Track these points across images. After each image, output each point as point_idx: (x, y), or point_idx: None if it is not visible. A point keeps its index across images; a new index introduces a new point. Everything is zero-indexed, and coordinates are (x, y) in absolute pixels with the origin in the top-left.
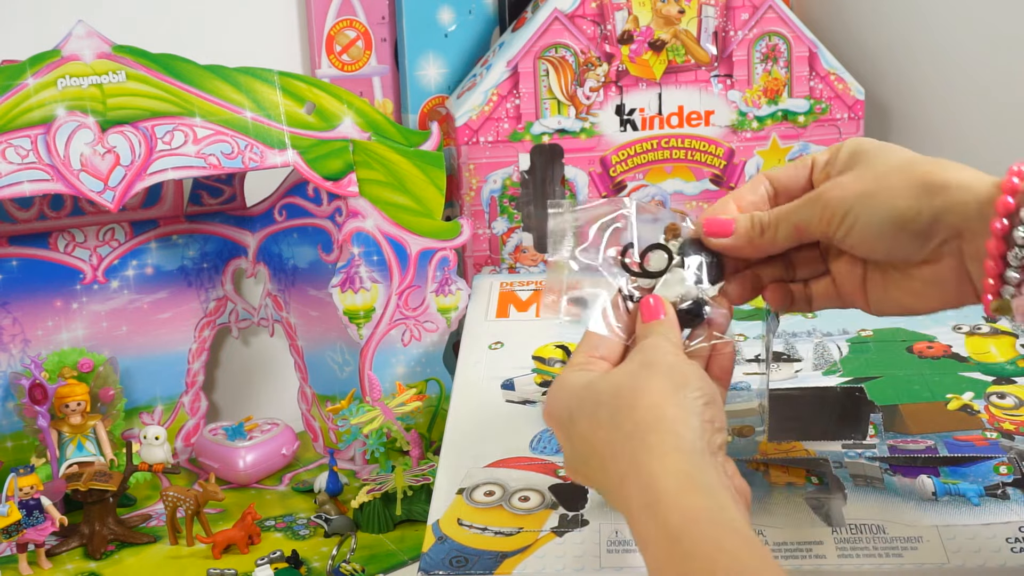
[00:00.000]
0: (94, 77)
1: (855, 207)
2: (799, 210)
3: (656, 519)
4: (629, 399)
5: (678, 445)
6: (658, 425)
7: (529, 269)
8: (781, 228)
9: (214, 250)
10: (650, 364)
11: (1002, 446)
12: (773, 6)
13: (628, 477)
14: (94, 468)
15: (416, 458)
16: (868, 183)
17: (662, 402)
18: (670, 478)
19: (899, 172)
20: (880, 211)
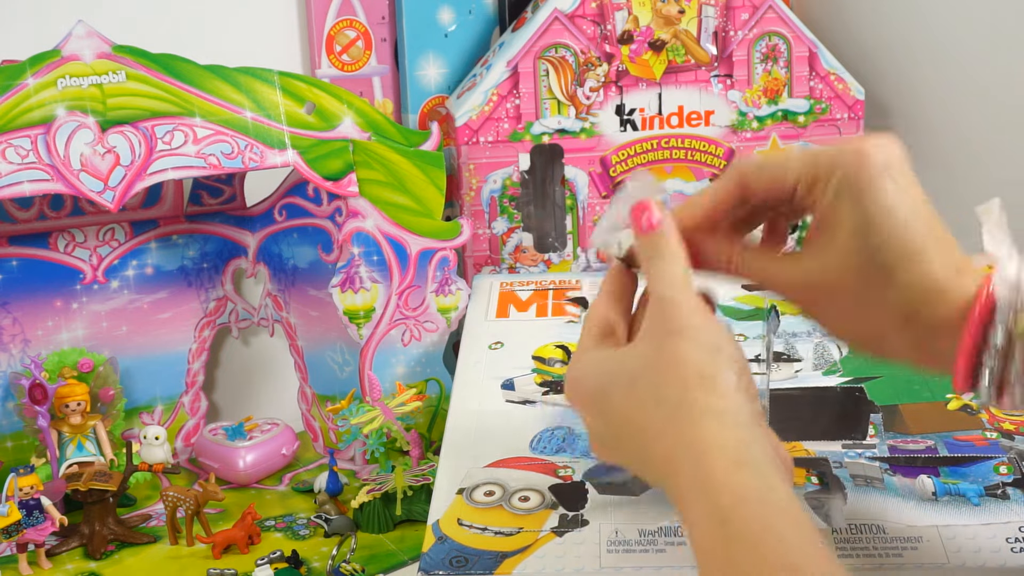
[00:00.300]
0: (94, 77)
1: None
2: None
3: (707, 499)
4: (667, 372)
5: (723, 421)
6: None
7: (529, 269)
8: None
9: (214, 250)
10: (678, 331)
11: (1002, 446)
12: (773, 6)
13: (676, 455)
14: (94, 468)
15: (416, 458)
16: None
17: (701, 372)
18: (720, 456)
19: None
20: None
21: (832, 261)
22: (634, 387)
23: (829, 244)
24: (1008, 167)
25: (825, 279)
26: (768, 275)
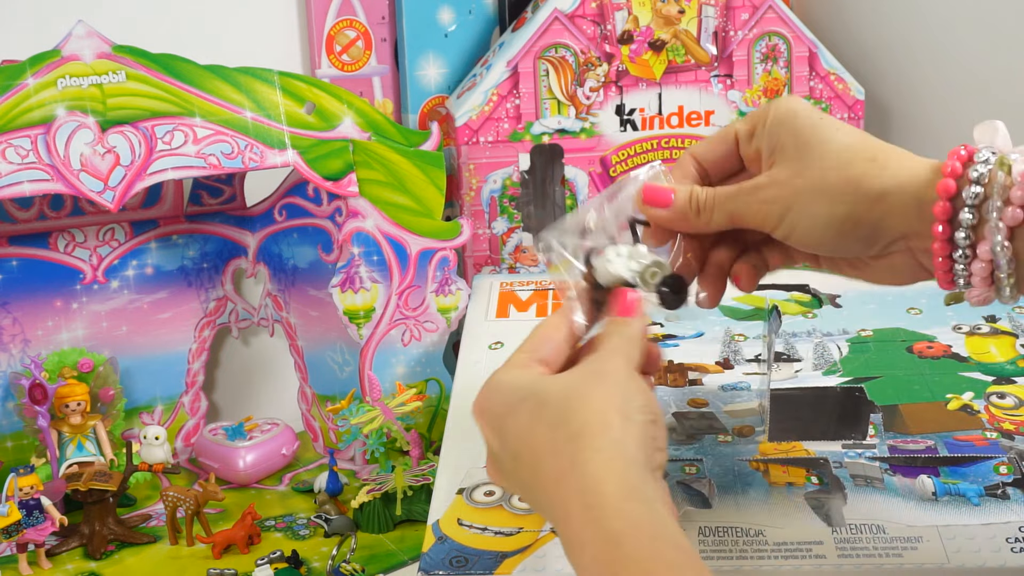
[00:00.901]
0: (94, 77)
1: (793, 209)
2: (735, 199)
3: (597, 523)
4: (577, 402)
5: (623, 453)
6: (604, 430)
7: (529, 269)
8: (716, 213)
9: (214, 250)
10: (602, 374)
11: (1002, 446)
12: (773, 6)
13: (567, 477)
14: (94, 468)
15: (416, 458)
16: (805, 183)
17: (609, 409)
18: (613, 483)
19: (836, 172)
20: (820, 217)
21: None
22: (541, 411)
23: (781, 165)
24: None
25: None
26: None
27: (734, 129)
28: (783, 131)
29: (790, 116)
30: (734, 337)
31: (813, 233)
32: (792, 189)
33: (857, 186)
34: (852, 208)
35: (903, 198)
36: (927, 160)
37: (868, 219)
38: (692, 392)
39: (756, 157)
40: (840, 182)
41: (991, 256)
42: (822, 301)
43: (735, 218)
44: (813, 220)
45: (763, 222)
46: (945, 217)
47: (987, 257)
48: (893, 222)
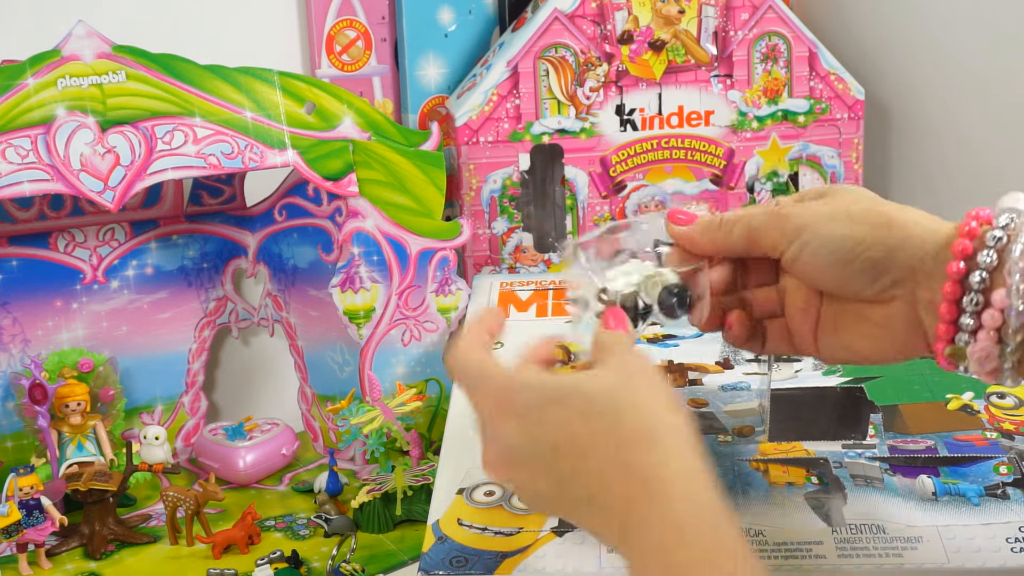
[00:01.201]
0: (94, 77)
1: (810, 226)
2: (757, 216)
3: (662, 506)
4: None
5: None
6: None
7: (529, 269)
8: (736, 228)
9: (214, 250)
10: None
11: (1002, 446)
12: (773, 6)
13: (629, 464)
14: (94, 468)
15: (416, 458)
16: (829, 208)
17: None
18: (675, 466)
19: (862, 204)
20: (834, 235)
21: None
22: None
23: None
24: (1008, 166)
25: None
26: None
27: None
28: (824, 189)
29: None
30: None
31: (821, 253)
32: (814, 211)
33: (879, 215)
34: (868, 231)
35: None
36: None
37: (882, 244)
38: (692, 392)
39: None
40: (862, 212)
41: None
42: None
43: (753, 235)
44: (825, 240)
45: (776, 241)
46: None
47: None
48: (905, 256)
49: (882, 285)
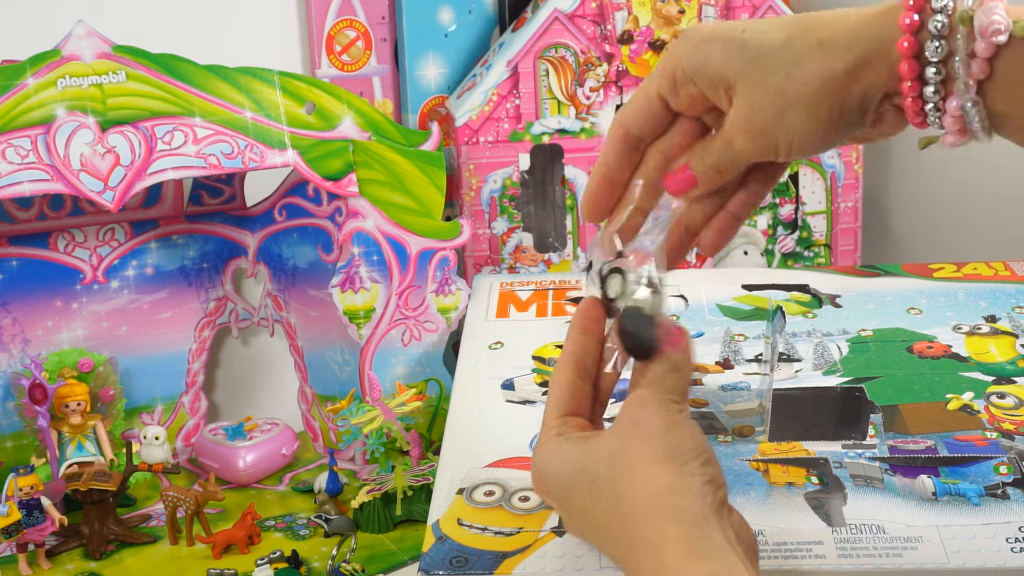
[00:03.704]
0: (94, 77)
1: (780, 141)
2: (728, 154)
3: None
4: (625, 470)
5: (679, 516)
6: (656, 500)
7: (529, 269)
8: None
9: (214, 250)
10: (641, 424)
11: (1002, 446)
12: (773, 6)
13: (635, 547)
14: (94, 468)
15: (416, 458)
16: (773, 106)
17: (658, 472)
18: (674, 550)
19: (794, 83)
20: (808, 129)
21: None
22: (595, 485)
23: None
24: (1007, 166)
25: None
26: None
27: (654, 89)
28: (713, 67)
29: (712, 48)
30: (734, 337)
31: (810, 141)
32: (764, 117)
33: (820, 84)
34: (830, 105)
35: (872, 67)
36: (875, 9)
37: (851, 103)
38: (692, 392)
39: (694, 101)
40: (803, 89)
41: (961, 112)
42: (822, 301)
43: (742, 164)
44: (803, 132)
45: (763, 156)
46: (913, 75)
47: (957, 112)
48: (873, 91)
49: (870, 119)
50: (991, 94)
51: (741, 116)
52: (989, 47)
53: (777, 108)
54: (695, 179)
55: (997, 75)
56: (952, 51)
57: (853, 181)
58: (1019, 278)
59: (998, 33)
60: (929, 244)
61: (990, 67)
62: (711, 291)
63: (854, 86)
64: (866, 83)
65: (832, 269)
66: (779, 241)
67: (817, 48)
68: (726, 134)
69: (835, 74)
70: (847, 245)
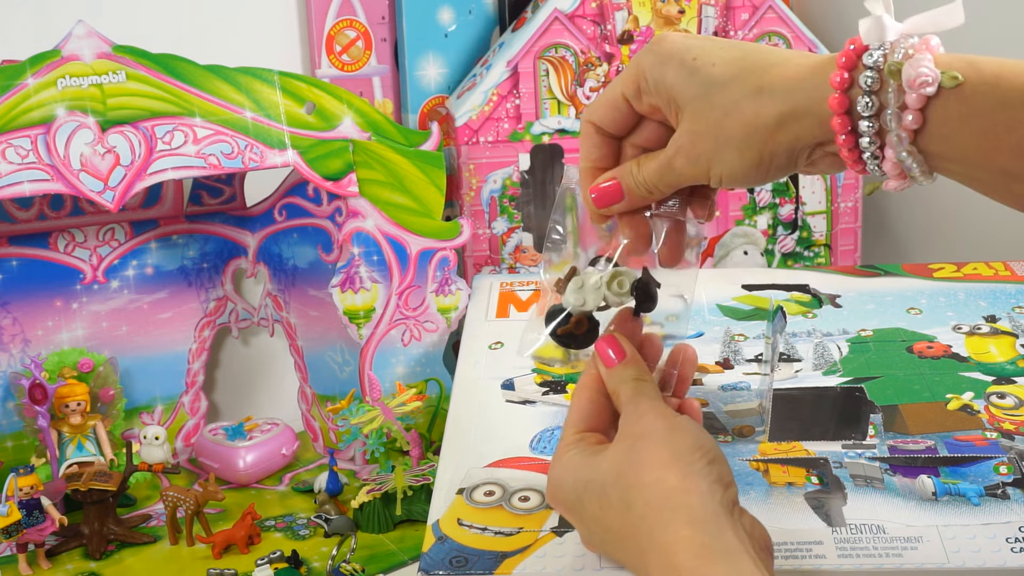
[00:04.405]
0: (94, 77)
1: (713, 162)
2: (666, 175)
3: None
4: (634, 477)
5: (691, 517)
6: (667, 501)
7: (529, 269)
8: (661, 187)
9: (214, 250)
10: (644, 435)
11: (1002, 446)
12: (773, 6)
13: (648, 553)
14: (94, 468)
15: (416, 458)
16: (709, 138)
17: (666, 475)
18: (686, 552)
19: (729, 119)
20: (736, 164)
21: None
22: (605, 494)
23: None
24: None
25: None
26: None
27: (619, 91)
28: (667, 85)
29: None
30: (734, 337)
31: (739, 177)
32: (703, 146)
33: (753, 128)
34: (760, 148)
35: (802, 120)
36: (813, 62)
37: (779, 149)
38: (692, 392)
39: (654, 111)
40: (737, 129)
41: (897, 160)
42: (822, 301)
43: (676, 186)
44: (732, 167)
45: (696, 181)
46: (846, 129)
47: (894, 160)
48: (802, 141)
49: (803, 165)
50: (925, 141)
51: (684, 140)
52: (919, 99)
53: (714, 141)
54: (621, 193)
55: (930, 124)
56: (884, 105)
57: (853, 181)
58: (1019, 278)
59: (926, 85)
60: (929, 244)
61: (923, 117)
62: (711, 291)
63: (781, 135)
64: (793, 134)
65: (832, 269)
66: (779, 241)
67: (754, 93)
68: (668, 154)
69: (765, 122)
70: (847, 245)
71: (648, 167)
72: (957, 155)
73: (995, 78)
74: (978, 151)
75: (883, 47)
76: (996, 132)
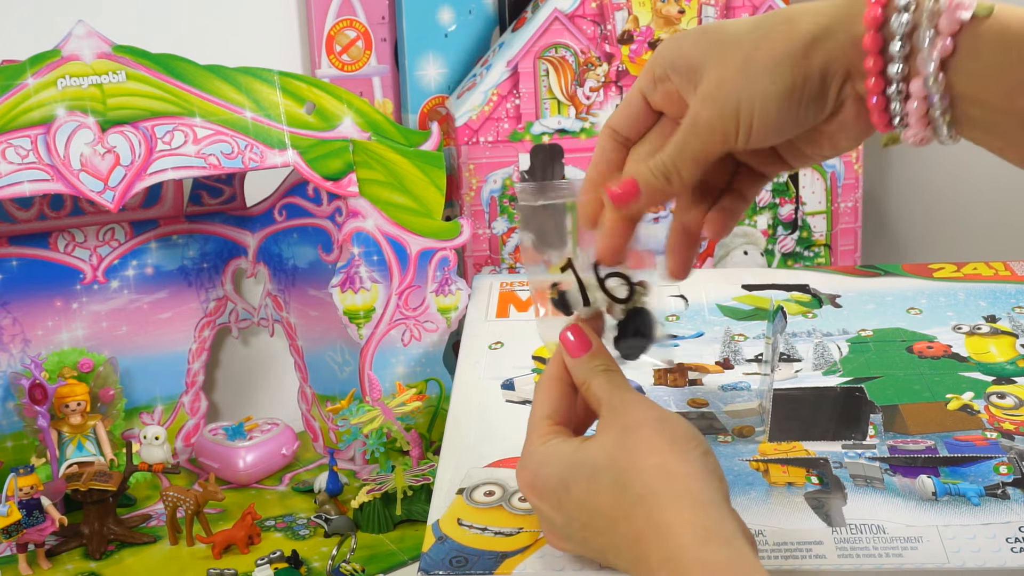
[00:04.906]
0: (94, 77)
1: (742, 104)
2: (688, 143)
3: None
4: (630, 461)
5: (693, 501)
6: (669, 484)
7: None
8: (682, 167)
9: (214, 250)
10: (636, 424)
11: (1002, 446)
12: (773, 6)
13: (645, 534)
14: (94, 468)
15: (416, 458)
16: (736, 76)
17: (666, 460)
18: (688, 533)
19: (759, 49)
20: (769, 98)
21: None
22: (596, 476)
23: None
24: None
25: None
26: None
27: (636, 89)
28: (685, 55)
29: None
30: (734, 337)
31: (769, 116)
32: (727, 90)
33: (785, 51)
34: (792, 71)
35: (837, 36)
36: None
37: (812, 71)
38: (692, 392)
39: (671, 97)
40: (767, 54)
41: (924, 92)
42: (822, 301)
43: (699, 157)
44: (764, 103)
45: (724, 137)
46: (876, 48)
47: (921, 94)
48: (835, 65)
49: (830, 105)
50: (953, 74)
51: (709, 88)
52: (953, 23)
53: (743, 75)
54: (637, 189)
55: (959, 53)
56: (917, 24)
57: (853, 181)
58: (1019, 278)
59: (962, 8)
60: (929, 244)
61: (954, 44)
62: (711, 291)
63: (815, 54)
64: (826, 53)
65: (832, 269)
66: (779, 241)
67: (784, 21)
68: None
69: (798, 43)
70: (847, 245)
71: (664, 149)
72: (981, 95)
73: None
74: (1002, 92)
75: None
76: (1022, 72)
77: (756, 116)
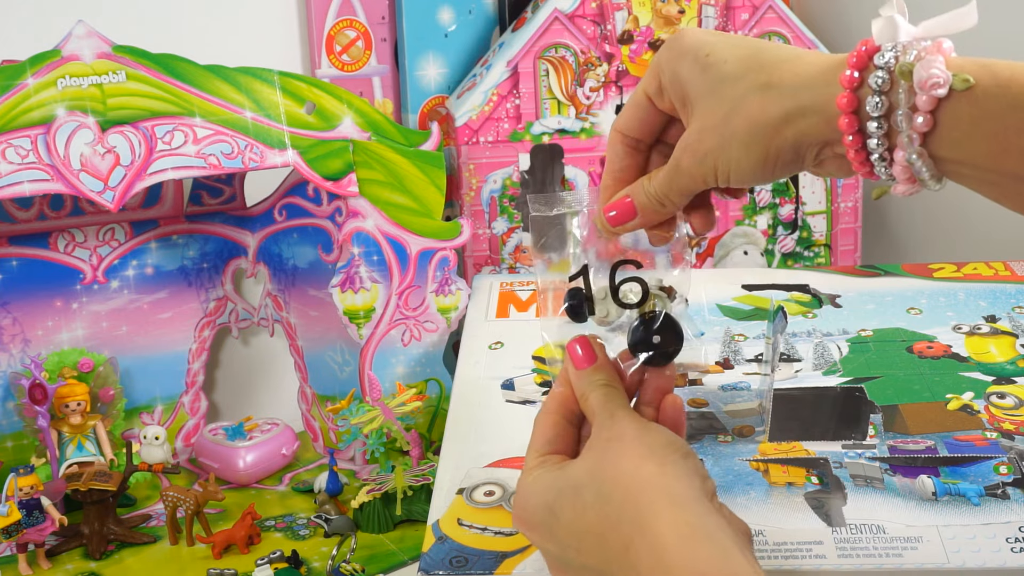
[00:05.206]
0: (94, 77)
1: (720, 160)
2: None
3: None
4: (610, 472)
5: (672, 500)
6: (647, 485)
7: (529, 269)
8: (672, 196)
9: (214, 250)
10: (616, 437)
11: (1002, 446)
12: (773, 6)
13: (633, 540)
14: (94, 468)
15: (416, 458)
16: (715, 135)
17: (643, 464)
18: (672, 533)
19: (736, 115)
20: (743, 162)
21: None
22: (579, 495)
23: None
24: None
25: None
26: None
27: (643, 91)
28: (681, 83)
29: (682, 63)
30: (734, 337)
31: (746, 174)
32: (709, 142)
33: (759, 124)
34: (765, 144)
35: (809, 118)
36: (824, 61)
37: (784, 146)
38: (692, 392)
39: (673, 109)
40: (742, 125)
41: (907, 163)
42: (822, 301)
43: (685, 192)
44: (739, 164)
45: (704, 181)
46: (853, 129)
47: (904, 162)
48: (809, 139)
49: (809, 165)
50: (936, 144)
51: (691, 138)
52: (930, 100)
53: (720, 137)
54: (634, 210)
55: (940, 127)
56: (894, 105)
57: (853, 181)
58: (1019, 278)
59: (938, 87)
60: (929, 244)
61: (933, 119)
62: (711, 291)
63: (787, 132)
64: (799, 131)
65: (832, 269)
66: (779, 241)
67: (761, 89)
68: (675, 156)
69: (770, 118)
70: (847, 245)
71: (657, 177)
72: (968, 159)
73: (1007, 81)
74: (988, 154)
75: (895, 48)
76: (1007, 135)
77: (732, 174)
